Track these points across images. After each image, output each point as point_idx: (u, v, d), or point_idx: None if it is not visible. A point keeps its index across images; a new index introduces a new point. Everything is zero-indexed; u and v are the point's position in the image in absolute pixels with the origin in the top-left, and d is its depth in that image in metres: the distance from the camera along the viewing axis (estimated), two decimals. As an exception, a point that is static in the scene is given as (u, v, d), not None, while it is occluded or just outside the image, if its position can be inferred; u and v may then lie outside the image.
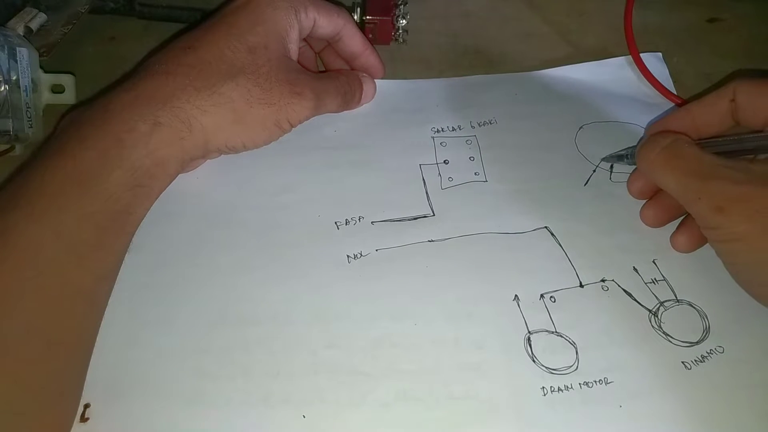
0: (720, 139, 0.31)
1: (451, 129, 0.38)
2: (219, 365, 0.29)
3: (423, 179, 0.36)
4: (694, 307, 0.31)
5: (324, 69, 0.41)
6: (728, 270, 0.29)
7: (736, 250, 0.27)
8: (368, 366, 0.29)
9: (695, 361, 0.29)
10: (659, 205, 0.33)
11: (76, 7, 0.41)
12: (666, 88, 0.39)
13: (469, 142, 0.38)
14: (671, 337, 0.30)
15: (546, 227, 0.34)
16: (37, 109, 0.37)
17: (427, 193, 0.35)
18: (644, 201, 0.34)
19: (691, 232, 0.32)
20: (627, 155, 0.34)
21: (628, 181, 0.34)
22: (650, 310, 0.31)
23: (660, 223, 0.33)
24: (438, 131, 0.38)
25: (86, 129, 0.29)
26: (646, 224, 0.33)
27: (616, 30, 0.42)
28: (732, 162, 0.28)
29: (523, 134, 0.38)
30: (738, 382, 0.29)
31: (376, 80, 0.39)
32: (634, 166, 0.34)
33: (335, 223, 0.34)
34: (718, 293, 0.31)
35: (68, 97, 0.39)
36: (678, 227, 0.33)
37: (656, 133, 0.32)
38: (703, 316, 0.30)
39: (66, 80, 0.38)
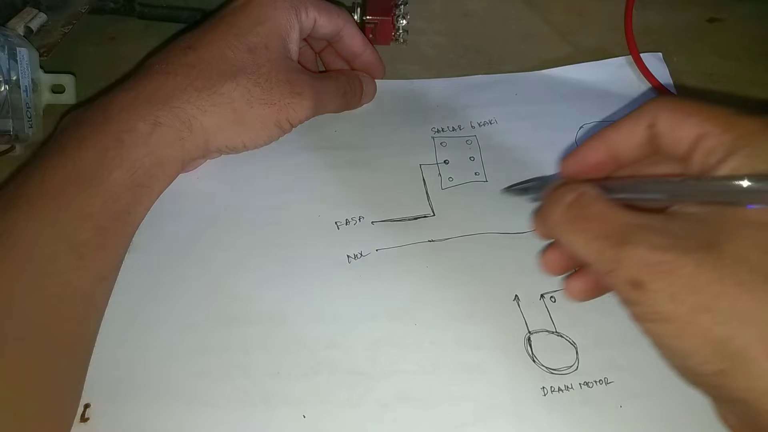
0: (634, 182, 0.26)
1: (451, 129, 0.38)
2: (219, 365, 0.29)
3: (423, 179, 0.36)
4: (694, 307, 0.31)
5: (324, 69, 0.41)
6: (659, 353, 0.23)
7: (663, 333, 0.22)
8: (368, 366, 0.29)
9: (695, 361, 0.29)
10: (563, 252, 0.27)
11: (76, 7, 0.41)
12: (666, 89, 0.39)
13: (469, 142, 0.38)
14: (671, 337, 0.30)
15: (546, 227, 0.34)
16: (37, 109, 0.37)
17: (427, 193, 0.35)
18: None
19: (588, 278, 0.27)
20: (532, 188, 0.30)
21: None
22: (650, 310, 0.31)
23: (562, 272, 0.28)
24: (438, 131, 0.38)
25: (86, 129, 0.29)
26: (546, 272, 0.28)
27: (616, 30, 0.42)
28: (649, 220, 0.22)
29: (523, 134, 0.38)
30: (738, 382, 0.29)
31: (376, 80, 0.39)
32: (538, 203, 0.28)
33: (335, 223, 0.34)
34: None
35: (68, 97, 0.38)
36: (575, 272, 0.28)
37: (558, 186, 0.26)
38: (703, 316, 0.30)
39: (66, 80, 0.38)
